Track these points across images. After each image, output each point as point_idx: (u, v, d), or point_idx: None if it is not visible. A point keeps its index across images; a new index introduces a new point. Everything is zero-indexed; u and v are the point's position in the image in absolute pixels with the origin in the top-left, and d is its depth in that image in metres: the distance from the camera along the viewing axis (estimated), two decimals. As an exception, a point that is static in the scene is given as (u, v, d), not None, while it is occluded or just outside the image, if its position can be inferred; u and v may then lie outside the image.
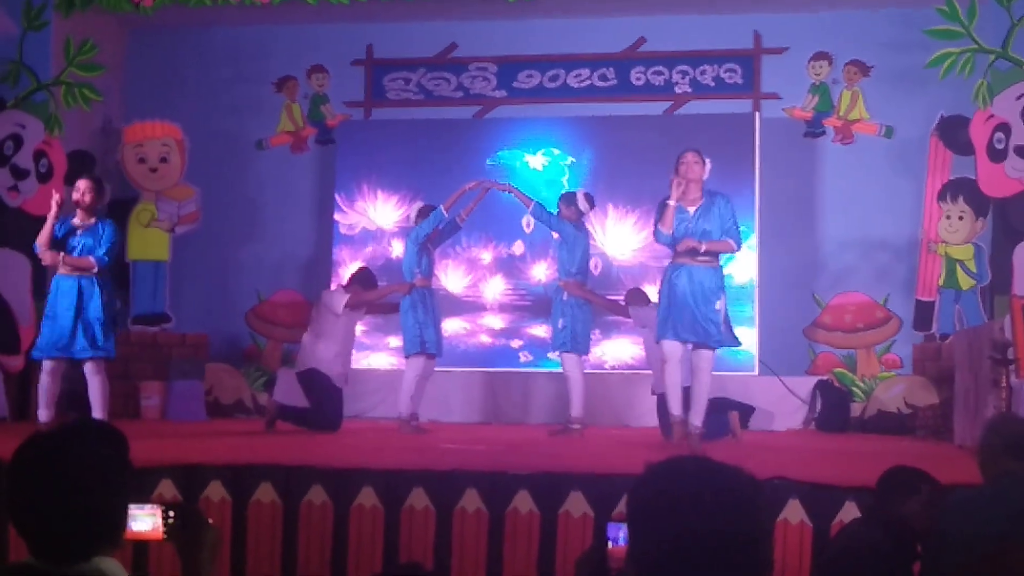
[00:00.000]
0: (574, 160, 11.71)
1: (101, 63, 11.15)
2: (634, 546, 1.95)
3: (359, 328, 11.41)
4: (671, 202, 7.51)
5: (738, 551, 1.86)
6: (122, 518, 2.45)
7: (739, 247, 7.72)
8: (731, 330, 7.62)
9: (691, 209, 7.54)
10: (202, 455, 6.78)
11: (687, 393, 7.57)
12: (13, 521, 2.38)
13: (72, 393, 11.24)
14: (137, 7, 11.14)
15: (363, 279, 10.02)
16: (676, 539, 1.86)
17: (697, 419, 7.49)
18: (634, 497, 1.96)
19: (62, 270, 8.20)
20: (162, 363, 11.37)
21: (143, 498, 2.95)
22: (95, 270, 8.15)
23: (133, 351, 11.41)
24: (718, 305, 7.47)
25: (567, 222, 9.22)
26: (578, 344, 9.17)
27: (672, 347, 7.52)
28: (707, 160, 7.67)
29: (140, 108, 12.18)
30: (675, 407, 7.58)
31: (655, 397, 8.93)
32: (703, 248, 7.43)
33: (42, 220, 10.61)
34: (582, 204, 9.21)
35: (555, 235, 9.59)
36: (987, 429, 4.51)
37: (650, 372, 9.32)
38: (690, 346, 7.55)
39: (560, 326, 9.12)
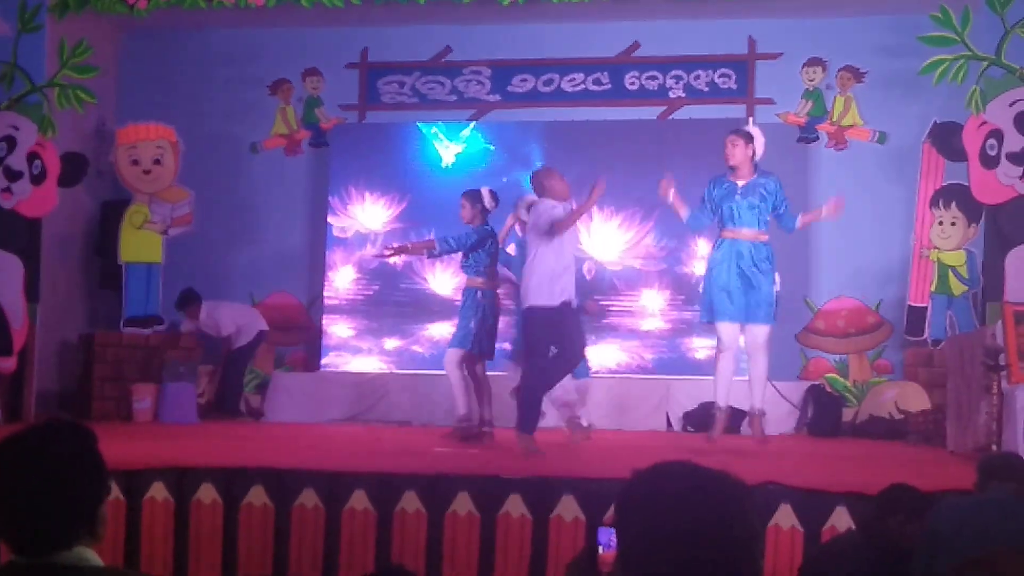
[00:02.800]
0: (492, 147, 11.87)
1: (95, 65, 11.14)
2: (622, 551, 1.95)
3: (348, 331, 11.47)
4: (669, 199, 7.94)
5: (726, 555, 1.86)
6: (97, 509, 2.52)
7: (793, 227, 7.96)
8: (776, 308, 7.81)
9: (740, 183, 7.79)
10: (194, 457, 6.78)
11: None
12: None
13: (60, 395, 11.27)
14: (131, 9, 11.14)
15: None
16: (664, 544, 1.86)
17: (759, 401, 7.69)
18: (621, 502, 1.96)
19: None
20: (154, 365, 11.36)
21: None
22: None
23: (125, 353, 11.40)
24: (776, 278, 7.73)
25: (471, 233, 8.87)
26: (482, 344, 8.91)
27: (728, 329, 7.63)
28: (754, 137, 7.85)
29: (134, 110, 12.18)
30: (722, 397, 7.70)
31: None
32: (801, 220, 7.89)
33: (35, 222, 10.70)
34: (488, 202, 8.94)
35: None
36: (982, 464, 4.65)
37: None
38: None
39: (472, 326, 8.87)
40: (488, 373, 9.19)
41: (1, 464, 2.47)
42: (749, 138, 7.82)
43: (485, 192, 9.02)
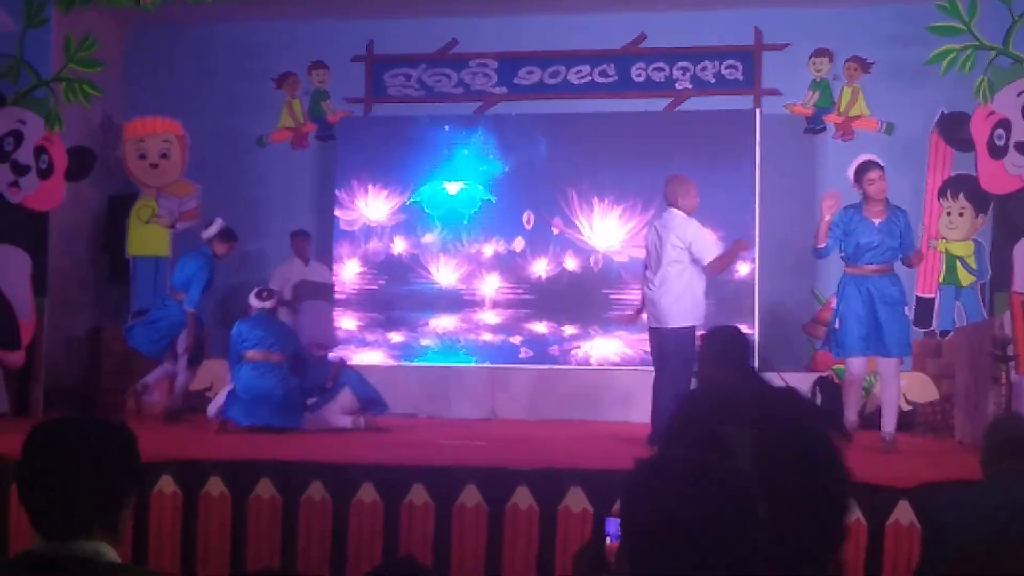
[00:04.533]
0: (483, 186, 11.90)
1: (101, 59, 11.14)
2: (625, 540, 1.95)
3: (355, 323, 11.51)
4: (826, 218, 7.90)
5: (730, 544, 1.86)
6: (120, 509, 2.55)
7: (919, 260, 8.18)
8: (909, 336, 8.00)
9: (876, 222, 7.86)
10: (202, 450, 6.80)
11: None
12: (22, 497, 2.58)
13: (67, 389, 11.28)
14: (138, 3, 11.11)
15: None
16: (666, 533, 1.86)
17: (890, 426, 7.74)
18: (625, 491, 1.96)
19: None
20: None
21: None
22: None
23: (134, 347, 11.41)
24: (904, 312, 7.86)
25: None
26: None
27: (857, 364, 7.83)
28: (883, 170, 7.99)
29: (141, 104, 12.18)
30: (851, 424, 7.80)
31: None
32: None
33: (43, 216, 10.72)
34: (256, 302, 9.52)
35: None
36: (989, 428, 4.53)
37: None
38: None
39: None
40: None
41: (41, 444, 2.57)
42: (883, 169, 8.00)
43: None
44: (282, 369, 9.11)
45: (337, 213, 12.03)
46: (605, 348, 11.36)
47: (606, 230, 11.56)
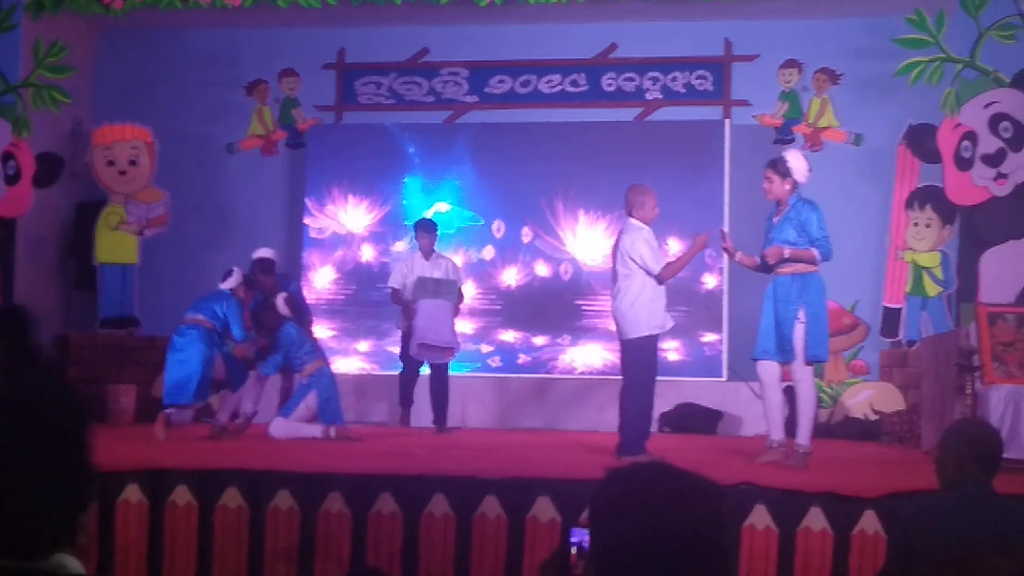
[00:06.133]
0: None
1: (71, 65, 11.09)
2: (594, 550, 1.95)
3: (327, 332, 11.44)
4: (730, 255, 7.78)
5: (698, 556, 1.86)
6: (76, 518, 2.45)
7: (824, 256, 7.41)
8: (818, 344, 7.34)
9: (775, 219, 7.51)
10: (169, 459, 6.75)
11: None
12: None
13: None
14: (107, 9, 11.09)
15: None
16: (636, 544, 1.86)
17: (803, 439, 7.25)
18: (595, 501, 1.97)
19: None
20: (130, 366, 11.30)
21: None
22: None
23: (101, 354, 11.34)
24: (800, 316, 7.26)
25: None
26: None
27: (765, 368, 7.37)
28: (790, 169, 7.42)
29: (110, 110, 12.13)
30: (774, 431, 7.41)
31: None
32: (785, 255, 7.30)
33: (10, 223, 10.64)
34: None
35: None
36: (954, 432, 4.44)
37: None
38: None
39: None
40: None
41: None
42: (784, 172, 7.43)
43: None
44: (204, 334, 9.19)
45: (306, 221, 12.00)
46: (578, 357, 11.37)
47: (584, 241, 11.57)
